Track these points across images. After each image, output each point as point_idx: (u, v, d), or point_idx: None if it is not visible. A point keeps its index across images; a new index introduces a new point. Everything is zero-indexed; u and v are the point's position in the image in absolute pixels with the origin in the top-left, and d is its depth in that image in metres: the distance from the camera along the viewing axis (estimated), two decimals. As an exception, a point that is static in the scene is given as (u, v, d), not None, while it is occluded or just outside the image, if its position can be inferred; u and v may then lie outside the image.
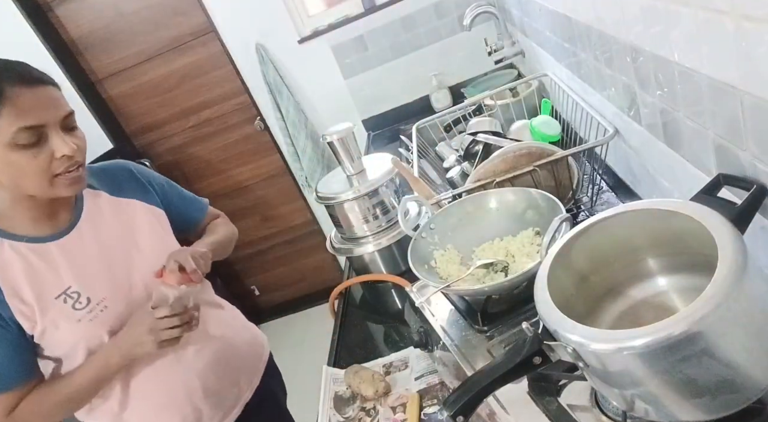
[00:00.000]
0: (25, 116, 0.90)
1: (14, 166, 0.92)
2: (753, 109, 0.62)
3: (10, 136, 0.89)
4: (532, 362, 0.68)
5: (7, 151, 0.91)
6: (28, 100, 0.91)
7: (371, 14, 2.55)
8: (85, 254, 1.07)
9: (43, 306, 0.99)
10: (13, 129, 0.89)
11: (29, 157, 0.92)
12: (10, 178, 0.94)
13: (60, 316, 1.01)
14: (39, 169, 0.94)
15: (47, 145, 0.93)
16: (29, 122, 0.90)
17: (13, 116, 0.89)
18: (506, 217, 1.14)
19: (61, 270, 1.03)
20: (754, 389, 0.58)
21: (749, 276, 0.55)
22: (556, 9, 1.34)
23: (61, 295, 1.01)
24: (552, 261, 0.72)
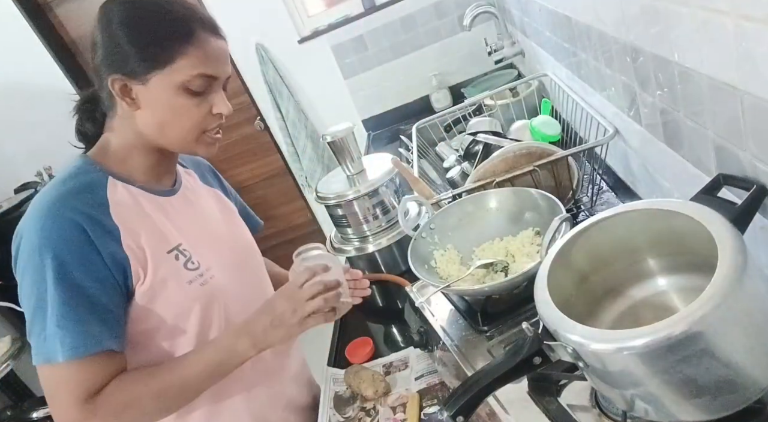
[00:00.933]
0: (209, 63, 0.87)
1: (176, 109, 0.88)
2: (753, 109, 0.62)
3: (187, 78, 0.86)
4: (532, 362, 0.68)
5: (177, 92, 0.86)
6: (213, 48, 0.88)
7: (371, 14, 2.55)
8: (190, 219, 0.99)
9: (155, 257, 0.89)
10: (193, 72, 0.86)
11: (193, 104, 0.88)
12: (165, 120, 0.89)
13: (170, 273, 0.90)
14: (196, 120, 0.89)
15: (208, 99, 0.90)
16: (210, 70, 0.87)
17: (197, 60, 0.86)
18: (506, 217, 1.14)
19: (172, 225, 0.94)
20: (754, 389, 0.58)
21: (749, 276, 0.55)
22: (556, 9, 1.34)
23: (173, 250, 0.92)
24: (552, 261, 0.72)
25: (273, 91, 2.68)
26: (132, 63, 0.85)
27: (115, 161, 0.93)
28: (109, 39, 0.85)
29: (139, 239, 0.88)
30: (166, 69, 0.85)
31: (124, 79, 0.86)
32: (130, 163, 0.94)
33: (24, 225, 0.85)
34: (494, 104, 1.82)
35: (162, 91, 0.86)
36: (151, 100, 0.87)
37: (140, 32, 0.85)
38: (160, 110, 0.88)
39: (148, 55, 0.84)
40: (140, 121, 0.89)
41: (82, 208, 0.84)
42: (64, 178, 0.88)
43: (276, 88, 2.67)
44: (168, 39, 0.85)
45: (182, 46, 0.85)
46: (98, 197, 0.87)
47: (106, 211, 0.87)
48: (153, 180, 0.96)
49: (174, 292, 0.90)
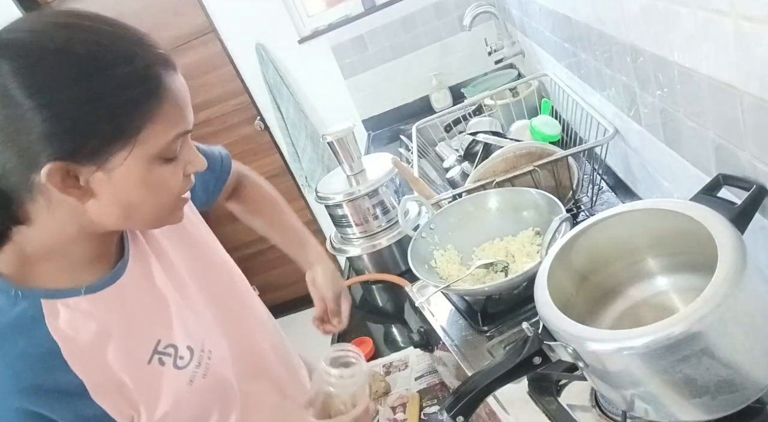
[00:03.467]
0: (182, 117, 0.65)
1: (150, 186, 0.65)
2: (753, 109, 0.62)
3: (162, 147, 0.63)
4: (532, 362, 0.68)
5: (151, 166, 0.63)
6: (181, 94, 0.65)
7: (371, 14, 2.55)
8: (155, 292, 0.76)
9: (136, 380, 0.68)
10: (169, 137, 0.63)
11: (169, 174, 0.66)
12: (133, 202, 0.65)
13: (162, 387, 0.70)
14: (175, 191, 0.68)
15: (180, 158, 0.68)
16: (185, 125, 0.65)
17: (172, 118, 0.63)
18: (506, 217, 1.14)
19: (138, 320, 0.72)
20: (753, 389, 0.58)
21: (749, 276, 0.55)
22: (556, 9, 1.34)
23: (153, 357, 0.71)
24: (552, 261, 0.72)
25: (273, 91, 2.68)
26: (84, 144, 0.59)
27: (44, 268, 0.66)
28: (35, 110, 0.56)
29: (110, 372, 0.66)
30: (131, 142, 0.61)
31: (69, 166, 0.59)
32: (71, 260, 0.68)
33: None
34: (494, 104, 1.82)
35: (132, 170, 0.62)
36: (112, 185, 0.62)
37: (91, 97, 0.58)
38: (126, 193, 0.64)
39: (107, 130, 0.59)
40: (93, 211, 0.64)
41: (25, 383, 0.60)
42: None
43: (276, 88, 2.67)
44: (133, 101, 0.60)
45: (152, 106, 0.61)
46: (40, 343, 0.62)
47: (58, 360, 0.63)
48: (97, 265, 0.71)
49: (180, 408, 0.72)
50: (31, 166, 0.58)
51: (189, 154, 0.69)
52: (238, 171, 1.11)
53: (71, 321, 0.65)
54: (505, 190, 1.17)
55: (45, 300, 0.65)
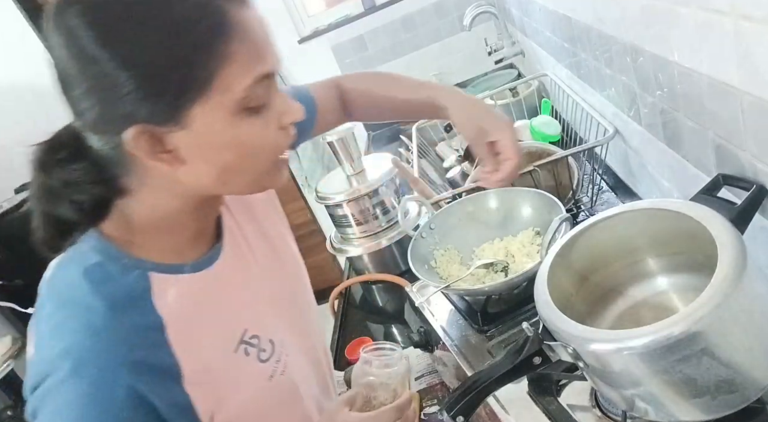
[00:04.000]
0: (261, 56, 0.56)
1: (243, 143, 0.58)
2: (753, 109, 0.62)
3: (242, 92, 0.55)
4: (532, 362, 0.68)
5: (236, 118, 0.56)
6: (256, 29, 0.56)
7: (371, 14, 2.56)
8: (245, 277, 0.73)
9: (221, 370, 0.65)
10: (247, 80, 0.55)
11: (260, 126, 0.58)
12: (228, 163, 0.59)
13: (243, 379, 0.67)
14: (270, 145, 0.60)
15: (272, 108, 0.59)
16: (267, 65, 0.57)
17: (246, 58, 0.55)
18: (506, 217, 1.14)
19: (229, 306, 0.69)
20: (753, 389, 0.58)
21: (749, 276, 0.55)
22: (556, 9, 1.34)
23: (240, 346, 0.67)
24: (552, 261, 0.72)
25: (273, 91, 2.68)
26: (158, 101, 0.53)
27: (152, 238, 0.63)
28: (106, 72, 0.52)
29: (202, 357, 0.63)
30: (208, 92, 0.54)
31: (150, 128, 0.54)
32: (176, 232, 0.65)
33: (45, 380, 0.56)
34: (494, 104, 1.82)
35: (214, 126, 0.56)
36: (199, 144, 0.57)
37: (156, 46, 0.52)
38: (219, 153, 0.58)
39: (179, 81, 0.53)
40: (188, 178, 0.59)
41: (132, 355, 0.57)
42: (90, 290, 0.59)
43: (276, 88, 2.67)
44: (199, 44, 0.53)
45: (220, 49, 0.53)
46: (147, 321, 0.60)
47: (162, 339, 0.60)
48: (199, 243, 0.69)
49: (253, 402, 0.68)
50: (115, 131, 0.54)
51: (281, 102, 0.60)
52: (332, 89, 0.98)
53: (176, 298, 0.63)
54: (505, 190, 1.17)
55: (153, 273, 0.62)
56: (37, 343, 0.59)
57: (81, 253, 0.62)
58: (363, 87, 0.98)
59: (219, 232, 0.73)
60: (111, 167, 0.59)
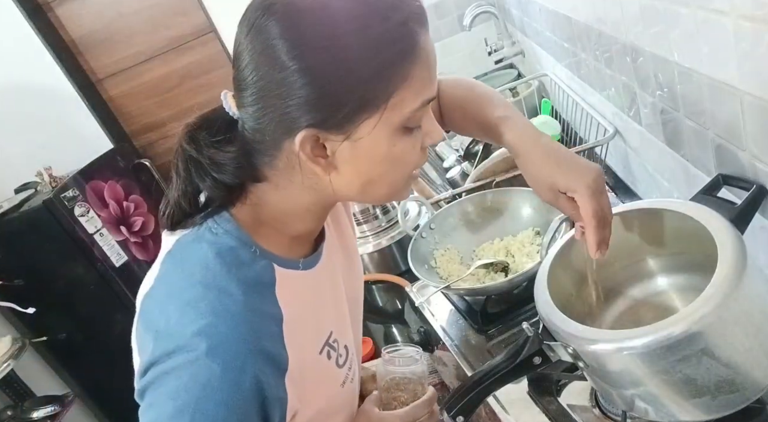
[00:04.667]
0: (430, 82, 0.59)
1: (394, 159, 0.60)
2: (753, 109, 0.62)
3: (408, 114, 0.58)
4: (532, 362, 0.68)
5: (395, 136, 0.58)
6: (433, 54, 0.59)
7: (371, 14, 2.55)
8: (333, 285, 0.75)
9: (309, 370, 0.64)
10: (416, 104, 0.58)
11: (411, 145, 0.61)
12: (374, 176, 0.61)
13: (323, 382, 0.67)
14: (414, 164, 0.63)
15: (421, 128, 0.62)
16: (432, 91, 0.59)
17: (420, 83, 0.57)
18: (506, 217, 1.14)
19: (324, 307, 0.71)
20: (753, 389, 0.58)
21: (749, 276, 0.55)
22: (556, 9, 1.34)
23: (324, 347, 0.68)
24: (552, 261, 0.72)
25: (273, 91, 2.68)
26: (336, 111, 0.55)
27: (274, 231, 0.65)
28: (298, 73, 0.54)
29: (301, 354, 0.63)
30: (380, 109, 0.56)
31: (321, 134, 0.57)
32: (293, 229, 0.67)
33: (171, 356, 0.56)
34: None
35: (376, 141, 0.58)
36: (357, 156, 0.59)
37: (348, 59, 0.54)
38: (371, 165, 0.60)
39: (360, 95, 0.55)
40: (335, 183, 0.61)
41: (260, 344, 0.58)
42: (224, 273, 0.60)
43: (276, 88, 2.67)
44: (388, 62, 0.55)
45: (405, 69, 0.55)
46: (272, 312, 0.61)
47: (278, 329, 0.61)
48: (306, 243, 0.71)
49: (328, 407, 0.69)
50: (286, 132, 0.57)
51: (428, 123, 0.62)
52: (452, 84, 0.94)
53: (293, 293, 0.64)
54: (504, 189, 1.17)
55: (276, 266, 0.64)
56: (159, 317, 0.59)
57: (214, 234, 0.62)
58: (460, 95, 0.91)
59: (321, 235, 0.74)
60: (258, 156, 0.62)
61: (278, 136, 0.58)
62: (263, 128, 0.59)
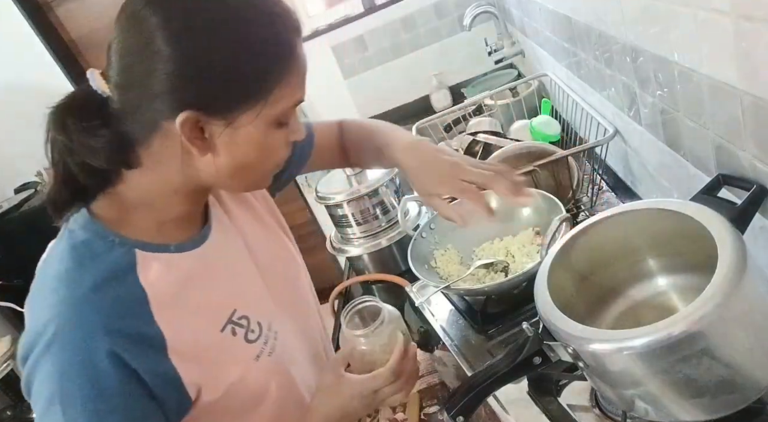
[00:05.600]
0: (303, 84, 0.68)
1: (266, 149, 0.67)
2: (753, 109, 0.62)
3: (283, 110, 0.66)
4: (532, 362, 0.68)
5: (270, 129, 0.66)
6: (306, 62, 0.68)
7: (371, 14, 2.55)
8: (233, 261, 0.78)
9: (207, 347, 0.69)
10: (291, 103, 0.66)
11: (282, 139, 0.68)
12: (247, 162, 0.67)
13: (230, 358, 0.71)
14: (281, 155, 0.70)
15: (289, 125, 0.69)
16: (303, 94, 0.68)
17: (295, 85, 0.66)
18: (506, 217, 1.14)
19: (219, 287, 0.73)
20: (754, 389, 0.58)
21: (749, 276, 0.55)
22: (556, 9, 1.34)
23: (226, 325, 0.71)
24: (552, 261, 0.72)
25: (273, 91, 2.68)
26: (220, 98, 0.62)
27: (141, 217, 0.69)
28: (186, 59, 0.59)
29: (187, 331, 0.67)
30: (261, 104, 0.63)
31: (201, 117, 0.61)
32: (163, 214, 0.70)
33: (32, 350, 0.62)
34: (494, 104, 1.82)
35: (253, 131, 0.64)
36: (233, 142, 0.64)
37: (245, 55, 0.61)
38: (244, 153, 0.66)
39: (244, 87, 0.62)
40: (206, 166, 0.66)
41: (113, 323, 0.61)
42: (75, 266, 0.64)
43: (276, 88, 2.67)
44: (273, 63, 0.63)
45: (284, 70, 0.64)
46: (131, 292, 0.64)
47: (145, 310, 0.64)
48: (189, 224, 0.74)
49: (245, 379, 0.72)
50: (165, 112, 0.61)
51: (295, 122, 0.71)
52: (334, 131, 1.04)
53: (160, 274, 0.67)
54: (505, 190, 1.17)
55: (138, 250, 0.67)
56: (27, 319, 0.65)
57: (70, 232, 0.67)
58: (362, 134, 1.01)
59: (207, 220, 0.78)
60: (132, 138, 0.65)
61: (155, 117, 0.62)
62: (139, 110, 0.62)
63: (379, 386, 0.76)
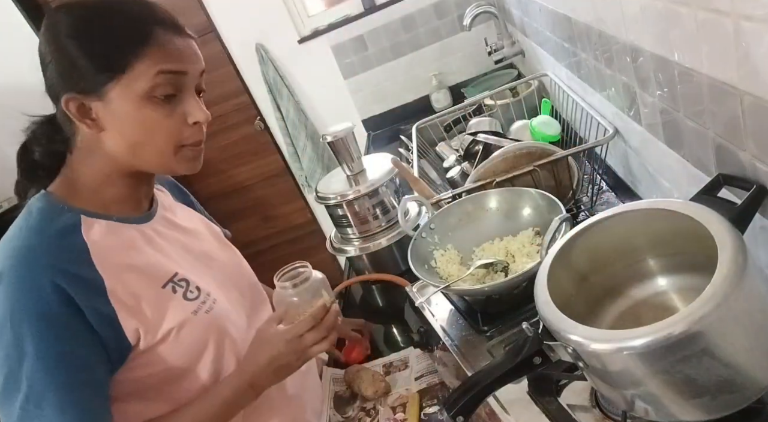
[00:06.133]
0: (170, 59, 0.77)
1: (145, 123, 0.78)
2: (753, 109, 0.62)
3: (149, 83, 0.76)
4: (532, 362, 0.68)
5: (142, 103, 0.77)
6: (176, 46, 0.79)
7: (371, 14, 2.55)
8: (177, 241, 0.91)
9: (149, 298, 0.81)
10: (152, 72, 0.76)
11: (162, 115, 0.78)
12: (135, 138, 0.79)
13: (169, 309, 0.82)
14: (169, 132, 0.79)
15: (181, 107, 0.80)
16: (172, 65, 0.77)
17: (156, 58, 0.76)
18: (506, 217, 1.14)
19: (161, 253, 0.86)
20: (754, 389, 0.58)
21: (749, 276, 0.55)
22: (556, 9, 1.34)
23: (168, 283, 0.84)
24: (552, 261, 0.72)
25: (273, 91, 2.68)
26: (86, 77, 0.76)
27: (86, 195, 0.83)
28: (57, 53, 0.76)
29: (128, 282, 0.79)
30: (123, 78, 0.76)
31: (79, 97, 0.76)
32: (104, 193, 0.84)
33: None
34: (494, 104, 1.82)
35: (125, 104, 0.77)
36: (114, 117, 0.78)
37: (91, 40, 0.76)
38: (128, 128, 0.78)
39: (101, 64, 0.75)
40: (107, 143, 0.80)
41: (58, 264, 0.74)
42: (29, 226, 0.78)
43: (276, 88, 2.67)
44: (122, 43, 0.76)
45: (138, 48, 0.76)
46: (74, 244, 0.78)
47: (86, 258, 0.77)
48: (130, 207, 0.87)
49: (184, 327, 0.83)
50: (56, 98, 0.78)
51: (190, 105, 0.81)
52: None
53: (102, 234, 0.81)
54: (505, 190, 1.17)
55: (84, 216, 0.81)
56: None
57: (28, 206, 0.82)
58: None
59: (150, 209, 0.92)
60: (64, 129, 0.83)
61: (56, 105, 0.80)
62: (57, 105, 0.79)
63: (302, 330, 0.86)
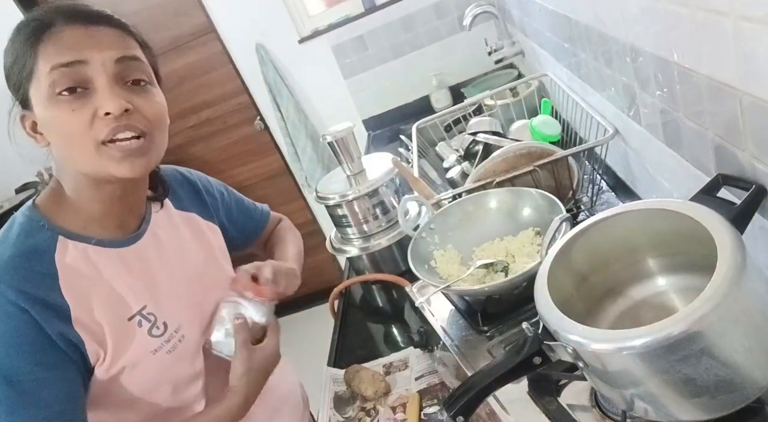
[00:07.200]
0: (64, 51, 0.72)
1: (54, 124, 0.73)
2: (752, 109, 0.62)
3: (47, 81, 0.71)
4: (532, 362, 0.68)
5: (51, 102, 0.72)
6: (73, 35, 0.73)
7: (371, 14, 2.55)
8: (156, 270, 0.87)
9: (114, 329, 0.78)
10: (47, 68, 0.71)
11: (68, 110, 0.72)
12: (59, 142, 0.75)
13: (131, 344, 0.79)
14: (79, 128, 0.72)
15: (91, 100, 0.73)
16: (63, 58, 0.71)
17: (49, 53, 0.72)
18: (506, 217, 1.14)
19: (134, 284, 0.82)
20: (753, 388, 0.58)
21: (748, 276, 0.55)
22: (556, 9, 1.34)
23: (135, 316, 0.80)
24: (552, 261, 0.72)
25: (273, 91, 2.68)
26: (18, 91, 0.75)
27: (68, 211, 0.80)
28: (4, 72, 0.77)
29: (93, 312, 0.76)
30: (33, 83, 0.73)
31: (27, 113, 0.76)
32: (83, 210, 0.80)
33: None
34: (494, 104, 1.82)
35: (40, 110, 0.74)
36: (42, 126, 0.75)
37: (7, 53, 0.75)
38: (51, 133, 0.75)
39: (16, 71, 0.74)
40: (54, 155, 0.78)
41: (24, 287, 0.72)
42: (8, 239, 0.76)
43: (276, 88, 2.67)
44: (24, 48, 0.73)
45: (34, 48, 0.72)
46: (45, 266, 0.75)
47: (54, 283, 0.74)
48: (113, 225, 0.83)
49: (138, 366, 0.80)
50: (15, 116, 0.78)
51: (100, 96, 0.73)
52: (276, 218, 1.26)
53: (75, 258, 0.78)
54: (505, 190, 1.17)
55: (61, 236, 0.78)
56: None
57: (14, 217, 0.80)
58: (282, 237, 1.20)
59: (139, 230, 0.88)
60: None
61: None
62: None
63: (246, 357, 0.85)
